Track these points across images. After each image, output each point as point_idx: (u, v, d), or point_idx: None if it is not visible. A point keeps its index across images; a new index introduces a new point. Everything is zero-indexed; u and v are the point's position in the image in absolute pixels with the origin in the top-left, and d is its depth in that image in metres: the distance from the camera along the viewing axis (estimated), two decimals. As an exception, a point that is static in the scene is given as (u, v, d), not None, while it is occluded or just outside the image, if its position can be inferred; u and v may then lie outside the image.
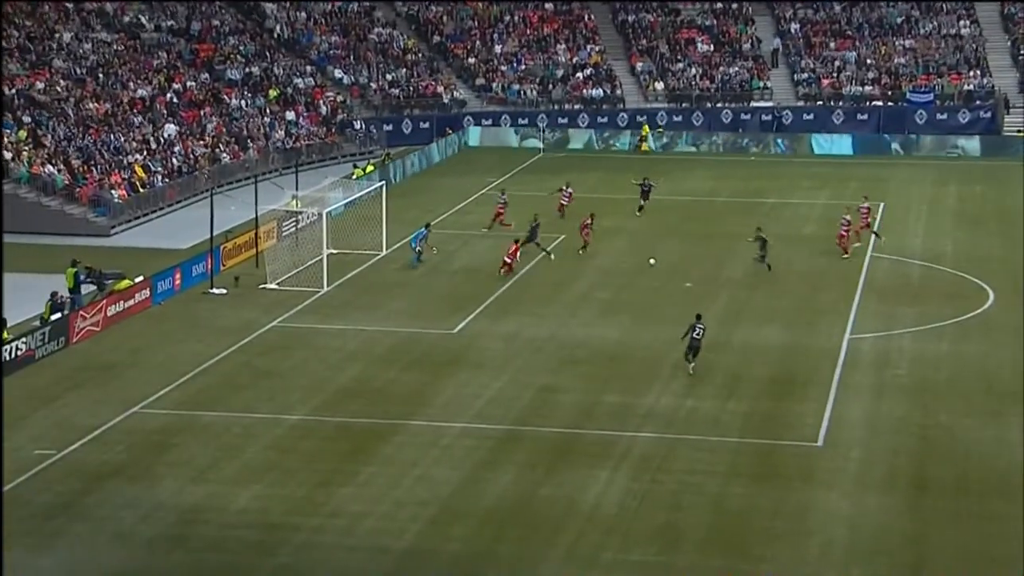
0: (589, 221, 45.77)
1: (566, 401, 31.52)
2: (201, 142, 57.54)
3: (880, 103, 70.70)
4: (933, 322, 37.76)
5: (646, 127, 68.36)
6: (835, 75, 72.27)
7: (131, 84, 59.12)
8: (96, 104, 56.43)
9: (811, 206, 54.53)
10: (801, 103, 71.47)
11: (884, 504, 25.94)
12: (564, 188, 51.41)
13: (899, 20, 75.41)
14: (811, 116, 70.38)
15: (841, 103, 70.96)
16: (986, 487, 26.66)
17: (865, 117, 70.07)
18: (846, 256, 44.49)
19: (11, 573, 23.05)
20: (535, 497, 26.08)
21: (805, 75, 72.46)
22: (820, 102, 71.34)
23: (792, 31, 75.61)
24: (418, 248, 43.78)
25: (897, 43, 74.11)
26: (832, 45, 74.31)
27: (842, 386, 32.62)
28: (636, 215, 51.26)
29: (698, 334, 32.99)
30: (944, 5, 75.99)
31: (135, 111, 57.24)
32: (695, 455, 28.29)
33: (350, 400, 31.56)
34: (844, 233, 44.94)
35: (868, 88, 71.51)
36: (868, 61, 72.91)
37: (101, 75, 58.75)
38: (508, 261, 42.29)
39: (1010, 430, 29.53)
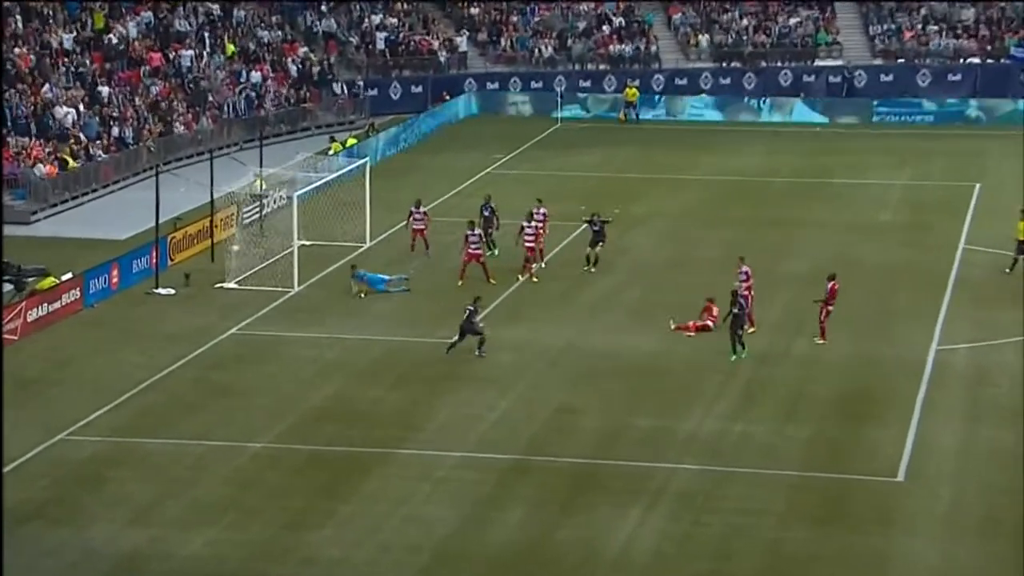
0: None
1: (588, 425, 31.55)
2: (144, 106, 57.68)
3: (977, 60, 70.55)
4: (1039, 329, 37.78)
5: (632, 89, 67.35)
6: (920, 26, 72.16)
7: (57, 34, 59.01)
8: (21, 51, 56.39)
9: (887, 188, 54.48)
10: (878, 61, 71.38)
11: (980, 552, 25.91)
12: (415, 208, 44.56)
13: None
14: (890, 77, 70.30)
15: (927, 61, 70.83)
16: (1104, 531, 26.63)
17: (958, 78, 69.91)
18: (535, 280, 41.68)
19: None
20: (549, 541, 26.14)
21: (883, 27, 72.33)
22: (901, 60, 71.21)
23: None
24: (394, 281, 40.78)
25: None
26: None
27: (928, 408, 32.59)
28: (584, 271, 42.53)
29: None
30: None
31: (62, 66, 57.20)
32: (747, 492, 28.29)
33: (326, 424, 31.62)
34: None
35: (962, 42, 71.29)
36: (961, 10, 72.81)
37: (22, 22, 58.70)
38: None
39: None
